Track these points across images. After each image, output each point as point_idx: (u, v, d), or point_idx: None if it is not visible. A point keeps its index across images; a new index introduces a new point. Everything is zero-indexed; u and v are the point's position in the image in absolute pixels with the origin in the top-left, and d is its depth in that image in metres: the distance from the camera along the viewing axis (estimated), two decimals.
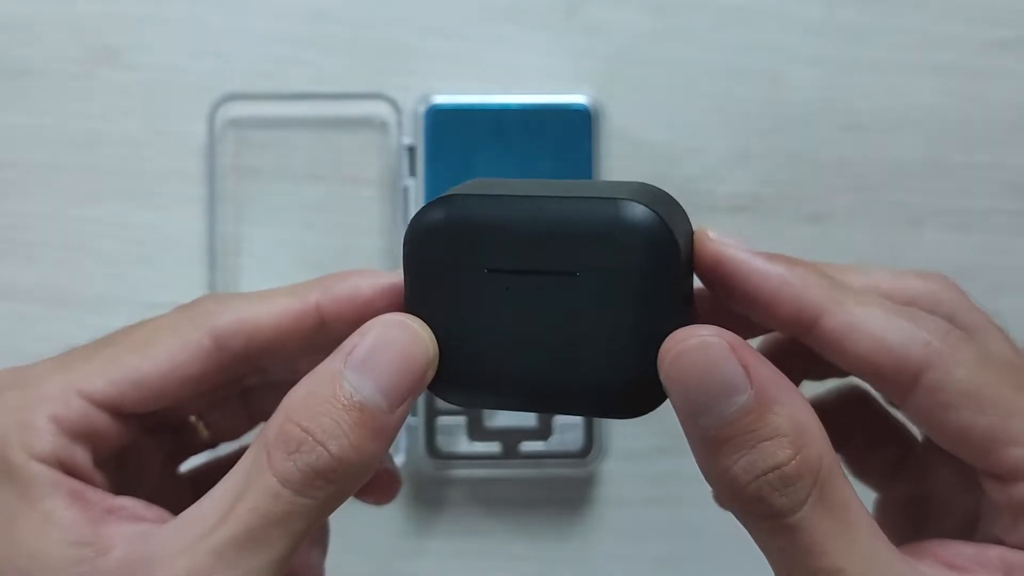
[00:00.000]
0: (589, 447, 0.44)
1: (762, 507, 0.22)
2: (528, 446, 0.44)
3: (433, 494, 0.45)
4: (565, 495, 0.46)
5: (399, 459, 0.44)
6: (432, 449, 0.44)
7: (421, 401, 0.43)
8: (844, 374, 0.29)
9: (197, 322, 0.27)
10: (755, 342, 0.25)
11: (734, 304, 0.25)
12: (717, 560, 0.45)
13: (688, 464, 0.24)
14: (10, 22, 0.44)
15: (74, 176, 0.45)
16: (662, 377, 0.23)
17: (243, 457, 0.24)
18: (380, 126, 0.45)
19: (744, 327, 0.26)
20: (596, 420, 0.44)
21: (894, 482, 0.30)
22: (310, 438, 0.23)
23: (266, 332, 0.27)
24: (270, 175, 0.45)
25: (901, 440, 0.30)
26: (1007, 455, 0.23)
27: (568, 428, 0.44)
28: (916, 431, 0.29)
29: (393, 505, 0.45)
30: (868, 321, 0.24)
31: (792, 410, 0.22)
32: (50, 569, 0.24)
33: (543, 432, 0.44)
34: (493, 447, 0.44)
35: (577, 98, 0.44)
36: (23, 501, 0.24)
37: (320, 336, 0.27)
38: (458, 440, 0.44)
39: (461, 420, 0.44)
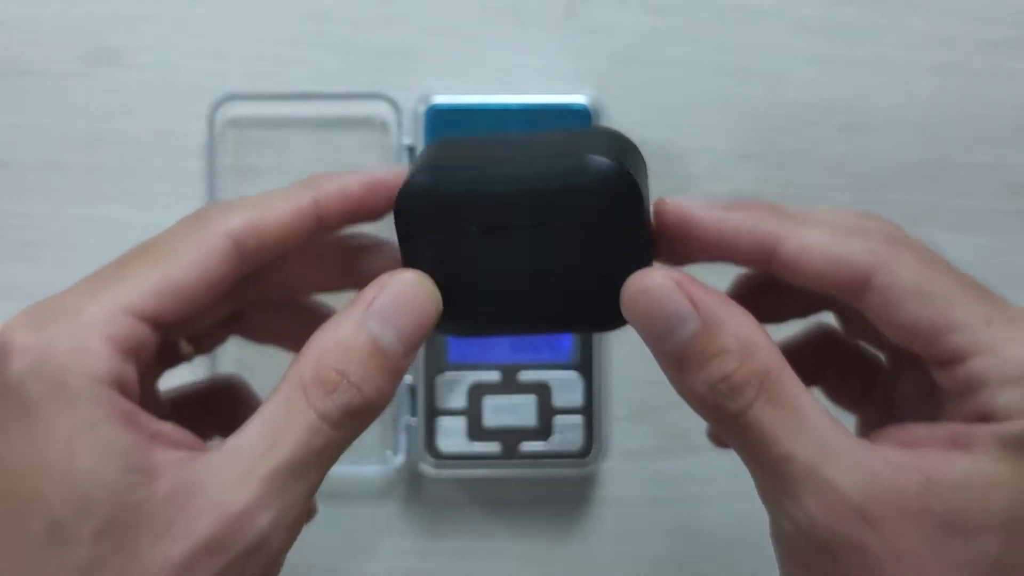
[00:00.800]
0: (589, 447, 0.44)
1: (720, 412, 0.26)
2: (528, 446, 0.44)
3: (433, 494, 0.45)
4: (565, 495, 0.46)
5: (399, 459, 0.44)
6: (432, 449, 0.44)
7: (421, 401, 0.44)
8: (803, 315, 0.33)
9: (213, 227, 0.28)
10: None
11: (701, 254, 0.28)
12: (717, 560, 0.45)
13: (688, 464, 0.24)
14: (10, 22, 0.44)
15: (74, 176, 0.45)
16: (624, 315, 0.27)
17: (274, 395, 0.26)
18: (380, 126, 0.45)
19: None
20: (596, 421, 0.44)
21: (868, 406, 0.33)
22: (345, 380, 0.26)
23: (274, 231, 0.29)
24: (270, 175, 0.45)
25: (868, 367, 0.33)
26: (949, 340, 0.26)
27: (568, 428, 0.44)
28: (881, 358, 0.33)
29: (393, 505, 0.45)
30: (819, 239, 0.27)
31: (736, 328, 0.26)
32: (109, 493, 0.24)
33: (543, 432, 0.44)
34: (493, 447, 0.44)
35: (577, 98, 0.44)
36: (82, 425, 0.25)
37: (316, 234, 0.29)
38: (458, 440, 0.44)
39: (461, 420, 0.44)
